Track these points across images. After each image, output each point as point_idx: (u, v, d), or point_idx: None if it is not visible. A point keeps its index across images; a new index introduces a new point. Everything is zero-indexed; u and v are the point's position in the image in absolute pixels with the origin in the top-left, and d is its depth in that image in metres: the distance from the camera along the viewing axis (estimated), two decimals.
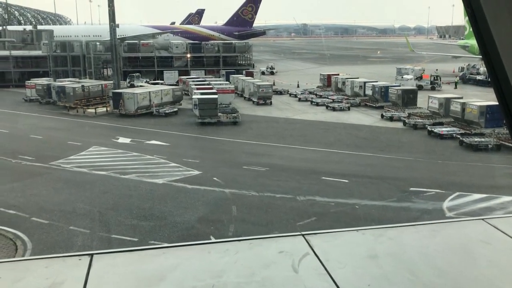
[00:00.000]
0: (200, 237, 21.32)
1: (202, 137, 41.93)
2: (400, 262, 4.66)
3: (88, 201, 26.02)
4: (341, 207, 25.00)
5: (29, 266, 4.72)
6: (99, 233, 22.09)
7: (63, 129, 45.84)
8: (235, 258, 4.60)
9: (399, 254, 4.82)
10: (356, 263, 4.63)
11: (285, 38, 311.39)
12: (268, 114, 51.90)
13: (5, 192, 27.10)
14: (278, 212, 24.48)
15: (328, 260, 4.55)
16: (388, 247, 4.97)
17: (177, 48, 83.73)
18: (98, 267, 4.40)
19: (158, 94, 53.10)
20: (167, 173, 30.44)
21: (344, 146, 37.78)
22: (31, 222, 22.99)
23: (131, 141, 39.64)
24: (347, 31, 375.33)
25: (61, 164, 32.52)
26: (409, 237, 5.30)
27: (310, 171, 31.28)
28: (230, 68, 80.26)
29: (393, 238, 5.25)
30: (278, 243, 5.03)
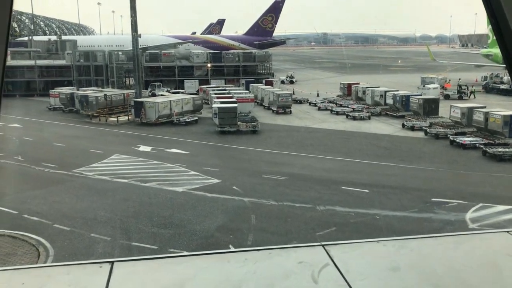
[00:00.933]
0: (219, 246, 21.35)
1: (222, 146, 42.08)
2: (422, 275, 4.57)
3: (109, 209, 26.31)
4: (361, 217, 24.73)
5: (51, 273, 4.79)
6: (120, 241, 22.29)
7: (86, 137, 46.57)
8: (254, 268, 4.58)
9: (422, 267, 4.73)
10: (377, 275, 4.56)
11: (305, 47, 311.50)
12: (287, 123, 51.86)
13: (29, 199, 27.60)
14: (298, 221, 24.33)
15: (348, 271, 4.49)
16: (410, 259, 4.88)
17: (197, 57, 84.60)
18: (118, 275, 4.44)
19: (179, 103, 53.59)
20: (186, 182, 30.59)
21: (365, 156, 37.44)
22: (54, 229, 23.33)
23: (152, 150, 40.03)
24: (367, 40, 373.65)
25: (83, 172, 33.00)
26: (432, 249, 5.21)
27: (330, 180, 31.07)
28: (250, 77, 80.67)
29: (415, 249, 5.16)
30: (297, 253, 4.99)
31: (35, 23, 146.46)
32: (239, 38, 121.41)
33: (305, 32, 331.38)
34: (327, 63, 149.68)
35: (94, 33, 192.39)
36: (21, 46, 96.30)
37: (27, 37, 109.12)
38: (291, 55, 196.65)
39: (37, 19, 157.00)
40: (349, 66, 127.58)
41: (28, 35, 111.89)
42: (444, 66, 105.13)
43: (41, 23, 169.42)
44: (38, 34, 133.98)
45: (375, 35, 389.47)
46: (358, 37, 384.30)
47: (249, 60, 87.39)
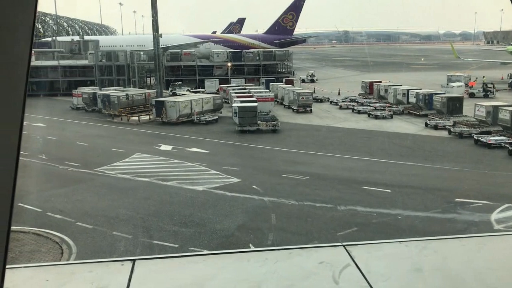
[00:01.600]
0: (239, 245, 21.39)
1: (242, 145, 42.16)
2: (445, 277, 4.48)
3: (130, 207, 26.62)
4: (383, 218, 24.46)
5: (74, 270, 4.85)
6: (141, 239, 22.52)
7: (108, 136, 47.22)
8: (274, 267, 4.56)
9: (445, 268, 4.64)
10: (400, 276, 4.48)
11: (326, 45, 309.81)
12: (308, 122, 51.65)
13: (53, 197, 28.12)
14: (318, 221, 24.22)
15: (369, 272, 4.43)
16: (433, 260, 4.79)
17: (218, 57, 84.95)
18: (140, 273, 4.46)
19: (199, 102, 53.90)
20: (207, 180, 30.75)
21: (387, 155, 37.04)
22: (76, 227, 23.72)
23: (173, 149, 40.35)
24: (389, 38, 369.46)
25: (105, 171, 33.46)
26: (455, 250, 5.10)
27: (351, 180, 30.83)
28: (270, 76, 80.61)
29: (438, 251, 5.06)
30: (318, 253, 4.95)
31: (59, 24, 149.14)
32: (260, 37, 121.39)
33: (326, 30, 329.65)
34: (349, 61, 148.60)
35: (116, 33, 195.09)
36: (45, 47, 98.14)
37: (50, 37, 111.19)
38: (312, 53, 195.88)
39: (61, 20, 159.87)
40: (371, 64, 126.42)
41: (51, 36, 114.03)
42: (468, 64, 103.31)
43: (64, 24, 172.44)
44: (62, 34, 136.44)
45: (397, 33, 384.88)
46: (380, 34, 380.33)
47: (269, 59, 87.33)
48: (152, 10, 60.21)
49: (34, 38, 1.68)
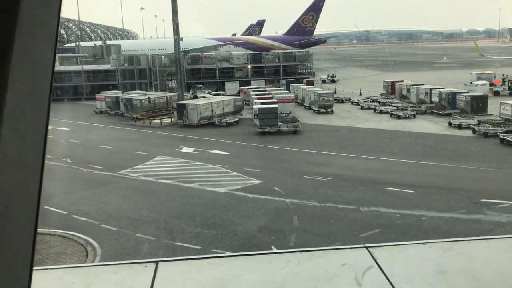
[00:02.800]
0: (261, 247, 21.38)
1: (263, 147, 42.17)
2: (471, 279, 4.40)
3: (153, 209, 26.89)
4: (406, 219, 24.14)
5: (99, 272, 4.93)
6: (164, 241, 22.72)
7: (131, 139, 47.81)
8: (297, 269, 4.55)
9: (471, 271, 4.55)
10: (424, 278, 4.42)
11: (347, 45, 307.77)
12: (329, 123, 51.36)
13: (77, 200, 28.61)
14: (341, 223, 24.04)
15: (393, 274, 4.38)
16: (458, 262, 4.71)
17: (238, 59, 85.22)
18: (163, 274, 4.51)
19: (220, 104, 54.16)
20: (228, 182, 30.84)
21: (410, 156, 36.52)
22: (101, 229, 24.07)
23: (194, 151, 40.61)
24: (411, 37, 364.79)
25: (129, 173, 33.88)
26: (481, 252, 5.00)
27: (374, 181, 30.51)
28: (290, 77, 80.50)
29: (463, 252, 4.98)
30: (340, 255, 4.92)
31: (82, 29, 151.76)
32: (279, 38, 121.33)
33: (347, 30, 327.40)
34: (370, 61, 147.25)
35: (138, 37, 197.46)
36: (69, 52, 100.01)
37: (74, 43, 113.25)
38: (332, 53, 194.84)
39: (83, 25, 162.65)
40: (392, 64, 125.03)
41: (75, 41, 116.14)
42: (492, 61, 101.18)
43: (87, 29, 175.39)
44: (85, 39, 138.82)
45: (419, 32, 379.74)
46: (401, 33, 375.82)
47: (290, 60, 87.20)
48: (172, 14, 60.79)
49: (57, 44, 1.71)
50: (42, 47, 1.56)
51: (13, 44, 1.37)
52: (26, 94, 1.47)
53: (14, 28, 1.37)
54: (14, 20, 1.37)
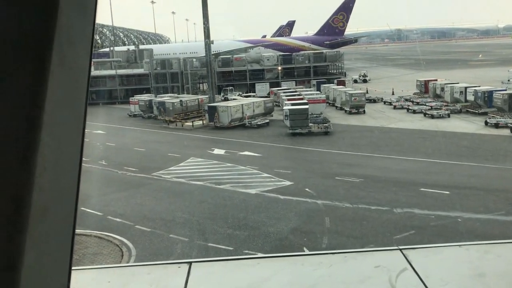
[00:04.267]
0: (293, 248, 21.30)
1: (293, 148, 42.04)
2: (511, 283, 4.26)
3: (186, 210, 27.21)
4: (442, 220, 23.58)
5: (134, 272, 5.03)
6: (197, 242, 22.95)
7: (163, 141, 48.52)
8: (329, 271, 4.52)
9: (510, 274, 4.41)
10: (460, 281, 4.32)
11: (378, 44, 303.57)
12: (361, 123, 50.74)
13: (113, 201, 29.23)
14: (374, 224, 23.71)
15: (428, 276, 4.29)
16: (496, 266, 4.57)
17: (268, 60, 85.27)
18: (196, 275, 4.56)
19: (250, 106, 54.33)
20: (259, 184, 30.88)
21: (445, 156, 35.67)
22: (135, 230, 24.52)
23: (225, 152, 40.87)
24: (444, 35, 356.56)
25: (162, 175, 34.39)
26: None
27: (407, 182, 29.96)
28: (321, 77, 79.98)
29: (502, 255, 4.83)
30: (373, 257, 4.86)
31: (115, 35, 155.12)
32: (310, 39, 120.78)
33: (378, 29, 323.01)
34: (402, 60, 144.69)
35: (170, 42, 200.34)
36: (103, 57, 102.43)
37: (108, 48, 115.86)
38: (363, 53, 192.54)
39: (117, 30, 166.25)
40: (425, 62, 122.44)
41: (109, 46, 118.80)
42: None
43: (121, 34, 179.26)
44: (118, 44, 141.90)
45: (453, 29, 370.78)
46: (434, 31, 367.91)
47: (320, 61, 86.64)
48: (203, 18, 61.42)
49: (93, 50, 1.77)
50: (78, 54, 1.62)
51: (52, 52, 1.43)
52: (64, 100, 1.52)
53: (53, 37, 1.43)
54: (52, 30, 1.43)
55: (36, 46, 1.42)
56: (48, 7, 1.44)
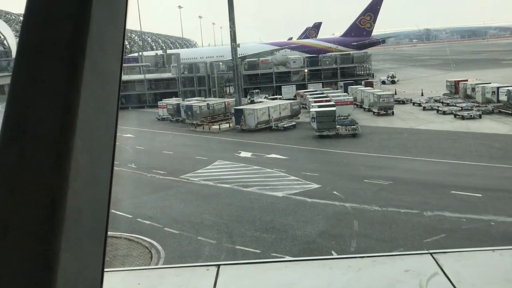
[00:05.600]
0: (321, 252, 21.17)
1: (321, 150, 41.78)
2: None
3: (214, 213, 27.38)
4: (474, 224, 23.02)
5: (163, 274, 5.10)
6: (225, 244, 23.05)
7: (191, 145, 48.98)
8: (358, 275, 4.47)
9: None
10: (493, 286, 4.21)
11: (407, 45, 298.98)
12: (389, 125, 50.05)
13: (142, 204, 29.67)
14: (403, 228, 23.33)
15: (459, 281, 4.20)
16: None
17: (294, 62, 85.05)
18: (224, 278, 4.58)
19: (277, 109, 54.31)
20: (286, 186, 30.81)
21: (476, 158, 34.83)
22: (164, 232, 24.81)
23: (252, 155, 40.95)
24: (475, 34, 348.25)
25: (190, 178, 34.72)
26: None
27: (437, 184, 29.36)
28: (348, 79, 79.30)
29: None
30: (403, 261, 4.79)
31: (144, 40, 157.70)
32: (336, 40, 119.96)
33: (406, 29, 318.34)
34: (431, 60, 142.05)
35: (196, 46, 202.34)
36: (133, 62, 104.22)
37: (137, 53, 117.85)
38: (391, 54, 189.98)
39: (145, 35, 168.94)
40: (454, 63, 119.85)
41: (138, 51, 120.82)
42: None
43: (149, 39, 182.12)
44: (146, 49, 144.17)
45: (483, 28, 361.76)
46: (464, 31, 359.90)
47: (347, 62, 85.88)
48: (229, 22, 61.82)
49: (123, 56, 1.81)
50: (110, 61, 1.66)
51: (84, 60, 1.47)
52: (96, 106, 1.57)
53: (85, 45, 1.48)
54: (84, 38, 1.48)
55: (70, 55, 1.47)
56: (80, 16, 1.49)
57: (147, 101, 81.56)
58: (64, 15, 1.48)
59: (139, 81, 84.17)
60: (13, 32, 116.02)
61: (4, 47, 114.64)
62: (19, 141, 1.44)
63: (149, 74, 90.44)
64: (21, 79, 1.49)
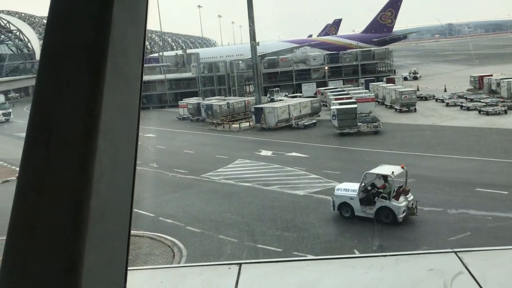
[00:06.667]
0: (343, 250, 21.03)
1: (342, 148, 41.49)
2: None
3: (235, 211, 27.46)
4: (500, 222, 22.56)
5: (185, 273, 5.14)
6: (246, 243, 23.11)
7: (212, 144, 49.22)
8: (380, 274, 4.43)
9: None
10: None
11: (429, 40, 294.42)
12: (412, 122, 49.39)
13: (164, 203, 29.96)
14: (427, 226, 23.00)
15: (486, 281, 4.12)
16: None
17: (314, 60, 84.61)
18: (246, 277, 4.60)
19: (297, 107, 54.13)
20: (307, 185, 30.70)
21: (502, 154, 34.08)
22: (186, 231, 25.01)
23: (273, 154, 40.92)
24: (500, 28, 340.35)
25: (211, 177, 34.90)
26: None
27: (462, 182, 28.87)
28: (369, 76, 78.52)
29: None
30: (427, 260, 4.72)
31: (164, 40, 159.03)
32: (357, 37, 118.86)
33: (428, 24, 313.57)
34: (454, 55, 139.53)
35: (216, 45, 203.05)
36: (153, 62, 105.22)
37: (157, 53, 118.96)
38: (413, 49, 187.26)
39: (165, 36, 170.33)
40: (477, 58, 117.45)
41: (158, 51, 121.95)
42: None
43: (169, 39, 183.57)
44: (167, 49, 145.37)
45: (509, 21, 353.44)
46: (488, 24, 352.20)
47: (368, 59, 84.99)
48: (249, 20, 61.86)
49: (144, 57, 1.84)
50: (131, 63, 1.69)
51: (107, 63, 1.50)
52: (118, 108, 1.59)
53: (107, 49, 1.50)
54: (106, 42, 1.50)
55: (92, 58, 1.50)
56: (102, 20, 1.51)
57: (168, 101, 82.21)
58: (86, 19, 1.51)
59: (160, 81, 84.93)
60: (36, 34, 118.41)
61: (28, 49, 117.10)
62: (44, 144, 1.47)
63: (170, 74, 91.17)
64: (45, 82, 1.53)
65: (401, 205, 22.80)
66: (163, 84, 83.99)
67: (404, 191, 23.73)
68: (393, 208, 22.82)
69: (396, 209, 22.72)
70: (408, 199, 23.36)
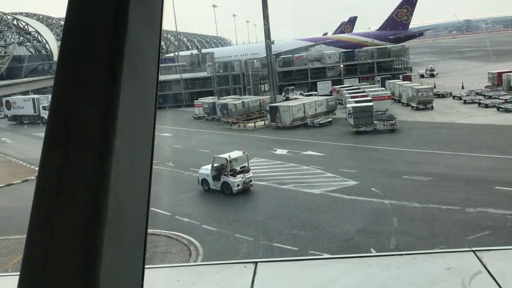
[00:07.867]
0: (360, 249, 20.91)
1: (358, 147, 41.23)
2: None
3: (250, 210, 27.50)
4: None
5: (201, 271, 5.17)
6: (262, 241, 23.13)
7: (227, 143, 49.28)
8: (397, 273, 4.40)
9: None
10: None
11: (446, 37, 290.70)
12: (429, 120, 48.85)
13: (180, 202, 30.14)
14: (444, 225, 22.76)
15: (505, 280, 4.07)
16: None
17: (329, 58, 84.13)
18: (262, 275, 4.61)
19: (312, 105, 53.94)
20: (323, 183, 30.58)
21: None
22: (202, 229, 25.13)
23: (288, 152, 40.85)
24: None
25: None
26: None
27: (480, 180, 28.46)
28: (385, 73, 77.84)
29: None
30: (444, 259, 4.68)
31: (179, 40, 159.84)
32: (373, 34, 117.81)
33: (445, 21, 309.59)
34: (472, 52, 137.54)
35: (231, 44, 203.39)
36: (169, 62, 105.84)
37: (173, 53, 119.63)
38: (430, 46, 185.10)
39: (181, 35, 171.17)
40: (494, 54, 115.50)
41: (174, 51, 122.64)
42: None
43: (184, 39, 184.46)
44: (182, 49, 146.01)
45: None
46: (508, 20, 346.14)
47: (384, 56, 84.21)
48: (263, 19, 61.84)
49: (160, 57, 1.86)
50: (147, 64, 1.71)
51: (123, 64, 1.52)
52: (135, 108, 1.61)
53: (123, 50, 1.52)
54: (123, 43, 1.52)
55: (109, 59, 1.52)
56: (118, 21, 1.54)
57: (184, 100, 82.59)
58: (102, 21, 1.54)
59: (176, 80, 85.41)
60: (54, 36, 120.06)
61: (46, 50, 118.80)
62: (63, 144, 1.50)
63: (185, 73, 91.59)
64: (63, 84, 1.55)
65: (236, 180, 29.77)
66: (179, 83, 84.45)
67: (244, 171, 30.77)
68: (230, 183, 29.83)
69: (232, 183, 29.64)
70: (246, 176, 30.23)
